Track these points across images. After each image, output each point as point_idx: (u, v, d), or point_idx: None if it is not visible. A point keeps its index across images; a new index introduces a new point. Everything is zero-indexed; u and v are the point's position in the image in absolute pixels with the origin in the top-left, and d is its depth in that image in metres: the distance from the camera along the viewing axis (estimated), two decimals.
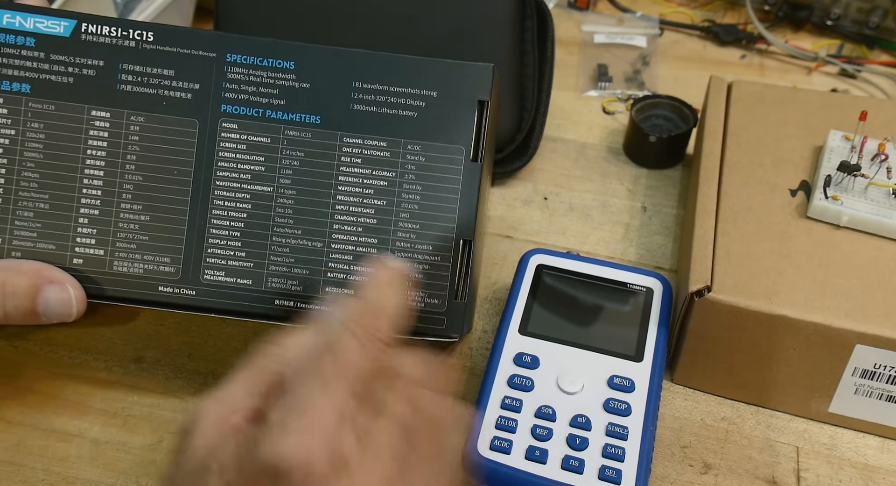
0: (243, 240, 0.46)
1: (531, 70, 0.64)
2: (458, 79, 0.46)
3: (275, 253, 0.46)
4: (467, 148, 0.46)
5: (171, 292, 0.46)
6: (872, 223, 0.49)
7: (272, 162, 0.46)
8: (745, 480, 0.47)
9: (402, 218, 0.46)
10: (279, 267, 0.46)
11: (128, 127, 0.46)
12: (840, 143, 0.54)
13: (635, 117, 0.65)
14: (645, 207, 0.63)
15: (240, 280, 0.46)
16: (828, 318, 0.45)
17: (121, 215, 0.46)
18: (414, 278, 0.45)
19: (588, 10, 0.82)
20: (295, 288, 0.46)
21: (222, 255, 0.46)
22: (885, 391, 0.47)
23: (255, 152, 0.46)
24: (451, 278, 0.46)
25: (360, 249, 0.46)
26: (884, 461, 0.48)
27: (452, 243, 0.46)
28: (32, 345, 0.52)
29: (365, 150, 0.46)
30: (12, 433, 0.48)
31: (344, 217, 0.46)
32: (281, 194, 0.46)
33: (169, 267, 0.46)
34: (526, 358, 0.47)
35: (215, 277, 0.46)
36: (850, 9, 0.77)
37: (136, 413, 0.49)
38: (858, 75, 0.75)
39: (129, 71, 0.46)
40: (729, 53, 0.78)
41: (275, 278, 0.46)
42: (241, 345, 0.53)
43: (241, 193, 0.46)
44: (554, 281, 0.51)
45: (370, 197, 0.46)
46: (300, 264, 0.46)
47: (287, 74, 0.46)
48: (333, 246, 0.46)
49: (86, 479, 0.46)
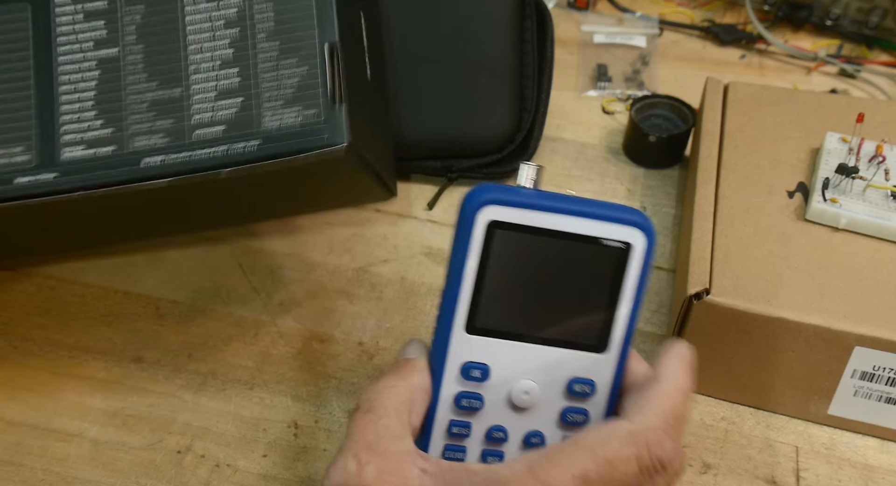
0: (97, 108, 0.44)
1: (531, 70, 0.64)
2: None
3: (133, 112, 0.43)
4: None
5: (30, 181, 0.43)
6: (871, 226, 0.49)
7: (112, 23, 0.44)
8: (745, 479, 0.47)
9: (259, 40, 0.44)
10: (141, 125, 0.43)
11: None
12: (837, 145, 0.54)
13: (635, 117, 0.65)
14: (644, 206, 0.63)
15: (101, 150, 0.43)
16: (827, 320, 0.45)
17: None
18: (287, 95, 0.43)
19: (587, 10, 0.82)
20: (161, 141, 0.43)
21: (77, 128, 0.43)
22: (884, 393, 0.47)
23: (94, 19, 0.44)
24: (323, 85, 0.43)
25: (221, 83, 0.44)
26: (883, 461, 0.48)
27: (317, 50, 0.43)
28: (32, 345, 0.52)
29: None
30: (12, 433, 0.48)
31: (198, 56, 0.44)
32: (129, 52, 0.44)
33: (22, 156, 0.43)
34: (475, 372, 0.37)
35: (74, 153, 0.43)
36: (849, 9, 0.77)
37: (135, 413, 0.49)
38: (858, 75, 0.75)
39: None
40: (728, 53, 0.78)
41: (138, 137, 0.43)
42: (241, 345, 0.53)
43: (87, 63, 0.44)
44: (510, 247, 0.36)
45: (221, 29, 0.44)
46: (162, 115, 0.43)
47: None
48: (194, 87, 0.44)
49: (85, 479, 0.46)
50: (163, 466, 0.47)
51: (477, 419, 0.37)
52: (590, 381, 0.37)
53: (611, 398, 0.38)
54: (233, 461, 0.47)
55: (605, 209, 0.36)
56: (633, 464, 0.32)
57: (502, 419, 0.37)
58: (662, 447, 0.33)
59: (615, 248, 0.36)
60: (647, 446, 0.33)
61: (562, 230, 0.36)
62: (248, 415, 0.49)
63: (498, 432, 0.37)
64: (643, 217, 0.37)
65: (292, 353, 0.53)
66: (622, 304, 0.37)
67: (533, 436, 0.37)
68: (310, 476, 0.47)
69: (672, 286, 0.57)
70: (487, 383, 0.37)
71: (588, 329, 0.37)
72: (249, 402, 0.50)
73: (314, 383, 0.51)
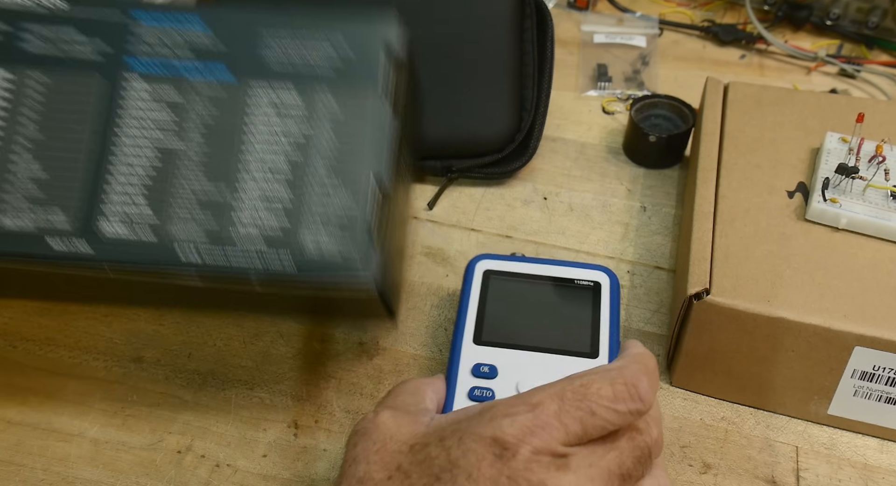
0: (145, 191, 0.44)
1: (531, 70, 0.64)
2: (365, 26, 0.45)
3: (179, 204, 0.44)
4: (379, 95, 0.44)
5: (63, 247, 0.43)
6: (871, 226, 0.49)
7: (179, 115, 0.44)
8: (745, 479, 0.47)
9: (312, 160, 0.44)
10: (184, 218, 0.44)
11: (29, 85, 0.45)
12: (837, 145, 0.54)
13: (635, 117, 0.65)
14: (644, 206, 0.63)
15: (140, 232, 0.43)
16: (827, 320, 0.45)
17: (8, 167, 0.44)
18: (329, 219, 0.43)
19: (588, 10, 0.82)
20: (200, 239, 0.43)
21: (121, 206, 0.44)
22: (884, 393, 0.47)
23: (161, 105, 0.45)
24: (364, 221, 0.44)
25: (269, 194, 0.44)
26: (883, 461, 0.48)
27: (365, 183, 0.44)
28: (32, 345, 0.52)
29: (275, 99, 0.45)
30: (12, 432, 0.48)
31: (253, 168, 0.44)
32: (187, 146, 0.44)
33: (63, 221, 0.44)
34: (484, 368, 0.46)
35: (112, 228, 0.43)
36: (849, 9, 0.77)
37: (135, 413, 0.49)
38: (858, 75, 0.75)
39: (35, 33, 0.45)
40: (728, 53, 0.79)
41: (180, 230, 0.43)
42: (241, 345, 0.53)
43: (145, 146, 0.44)
44: (503, 286, 0.50)
45: (279, 145, 0.44)
46: (207, 214, 0.44)
47: (194, 27, 0.45)
48: (242, 197, 0.44)
49: (85, 479, 0.46)
50: (163, 466, 0.47)
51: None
52: None
53: None
54: (233, 461, 0.47)
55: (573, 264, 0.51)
56: (607, 387, 0.35)
57: None
58: (637, 379, 0.36)
59: (587, 286, 0.50)
60: (622, 374, 0.36)
61: (541, 275, 0.50)
62: (248, 415, 0.49)
63: None
64: (605, 268, 0.51)
65: (292, 353, 0.53)
66: (602, 322, 0.48)
67: None
68: (310, 476, 0.47)
69: (672, 286, 0.57)
70: (496, 380, 0.45)
71: (581, 341, 0.47)
72: (249, 402, 0.50)
73: (314, 383, 0.51)
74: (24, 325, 0.54)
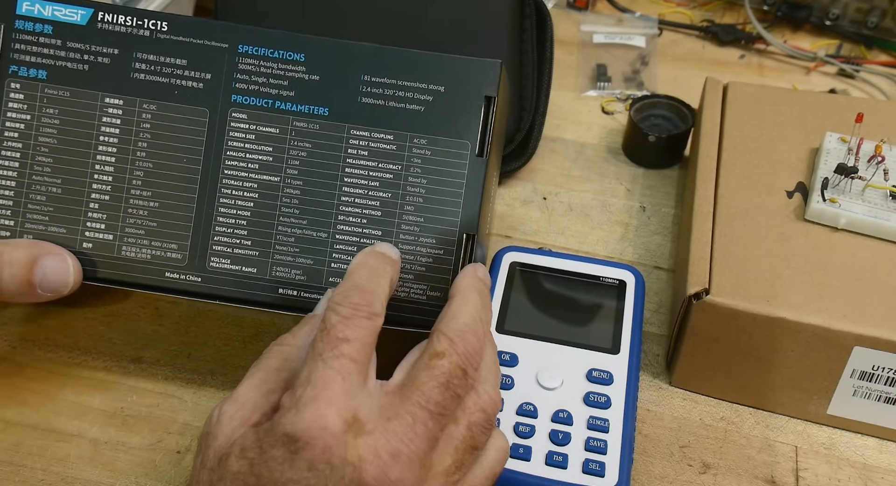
0: (249, 229, 0.46)
1: (530, 70, 0.64)
2: (465, 74, 0.46)
3: (280, 242, 0.46)
4: (473, 143, 0.46)
5: (177, 278, 0.46)
6: (870, 226, 0.50)
7: (280, 152, 0.46)
8: (744, 479, 0.47)
9: (406, 211, 0.46)
10: (284, 256, 0.46)
11: (140, 114, 0.46)
12: (836, 145, 0.54)
13: (634, 117, 0.65)
14: (644, 206, 0.63)
15: (245, 268, 0.46)
16: (826, 320, 0.45)
17: (130, 201, 0.46)
18: (417, 271, 0.45)
19: (587, 10, 0.82)
20: (299, 278, 0.46)
21: (228, 243, 0.46)
22: (883, 393, 0.47)
23: (264, 142, 0.46)
24: (453, 272, 0.46)
25: (363, 240, 0.46)
26: (882, 461, 0.48)
27: (456, 238, 0.46)
28: (32, 345, 0.52)
29: (371, 142, 0.46)
30: (12, 433, 0.48)
31: (349, 208, 0.46)
32: (287, 185, 0.46)
33: (176, 253, 0.46)
34: (505, 356, 0.47)
35: (221, 264, 0.46)
36: (848, 9, 0.77)
37: (135, 413, 0.49)
38: (857, 75, 0.75)
39: (143, 60, 0.46)
40: (728, 53, 0.79)
41: (279, 267, 0.46)
42: (241, 345, 0.53)
43: (249, 183, 0.46)
44: (528, 278, 0.52)
45: (375, 189, 0.46)
46: (304, 253, 0.46)
47: (297, 66, 0.46)
48: (338, 237, 0.46)
49: (85, 479, 0.46)
50: (163, 466, 0.47)
51: (509, 396, 0.46)
52: (607, 371, 0.47)
53: (628, 388, 0.47)
54: None
55: (599, 261, 0.53)
56: (443, 341, 0.37)
57: (532, 397, 0.46)
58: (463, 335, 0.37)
59: (613, 284, 0.52)
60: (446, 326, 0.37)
61: (567, 270, 0.52)
62: None
63: (528, 406, 0.46)
64: (632, 267, 0.53)
65: None
66: (626, 319, 0.50)
67: (560, 412, 0.46)
68: None
69: (671, 286, 0.57)
70: (516, 367, 0.47)
71: (603, 336, 0.49)
72: None
73: None
74: (24, 325, 0.54)
